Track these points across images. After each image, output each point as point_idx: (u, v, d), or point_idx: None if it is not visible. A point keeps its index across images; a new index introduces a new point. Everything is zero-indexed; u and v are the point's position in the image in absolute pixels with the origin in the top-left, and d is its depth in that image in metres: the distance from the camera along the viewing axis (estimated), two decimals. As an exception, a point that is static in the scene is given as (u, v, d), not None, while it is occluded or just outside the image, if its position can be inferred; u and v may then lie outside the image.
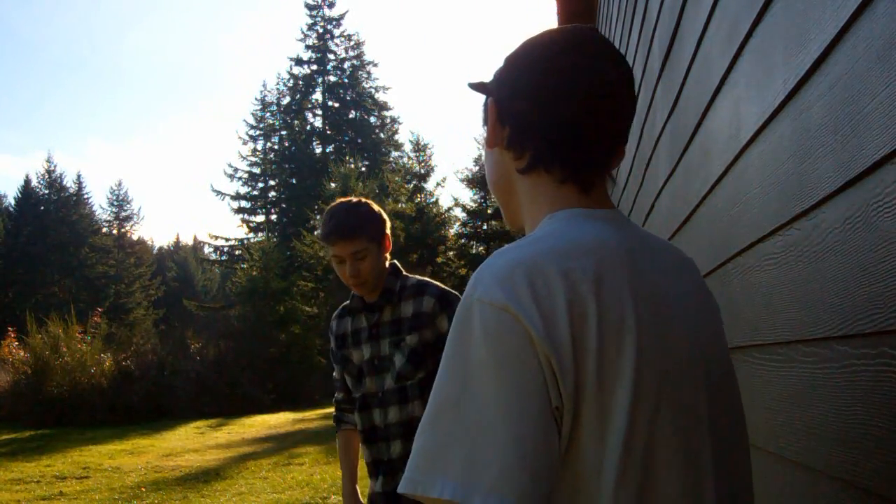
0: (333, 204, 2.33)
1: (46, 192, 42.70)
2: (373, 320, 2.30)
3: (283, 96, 39.39)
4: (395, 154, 38.62)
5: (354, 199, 2.32)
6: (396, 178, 27.55)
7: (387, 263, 2.33)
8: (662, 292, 0.84)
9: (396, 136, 39.90)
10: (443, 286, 2.32)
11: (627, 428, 0.76)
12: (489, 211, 24.68)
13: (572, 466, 0.76)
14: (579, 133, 0.91)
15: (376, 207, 2.32)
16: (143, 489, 7.55)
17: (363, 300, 2.33)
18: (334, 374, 2.49)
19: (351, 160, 29.68)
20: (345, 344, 2.38)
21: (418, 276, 2.36)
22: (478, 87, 1.03)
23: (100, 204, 78.60)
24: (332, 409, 13.70)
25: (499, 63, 1.00)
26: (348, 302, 2.41)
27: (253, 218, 37.82)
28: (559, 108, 0.91)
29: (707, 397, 0.84)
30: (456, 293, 2.26)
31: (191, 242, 58.62)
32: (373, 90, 39.82)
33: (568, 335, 0.75)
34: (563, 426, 0.75)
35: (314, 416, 14.76)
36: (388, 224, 2.34)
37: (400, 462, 2.23)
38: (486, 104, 1.01)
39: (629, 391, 0.76)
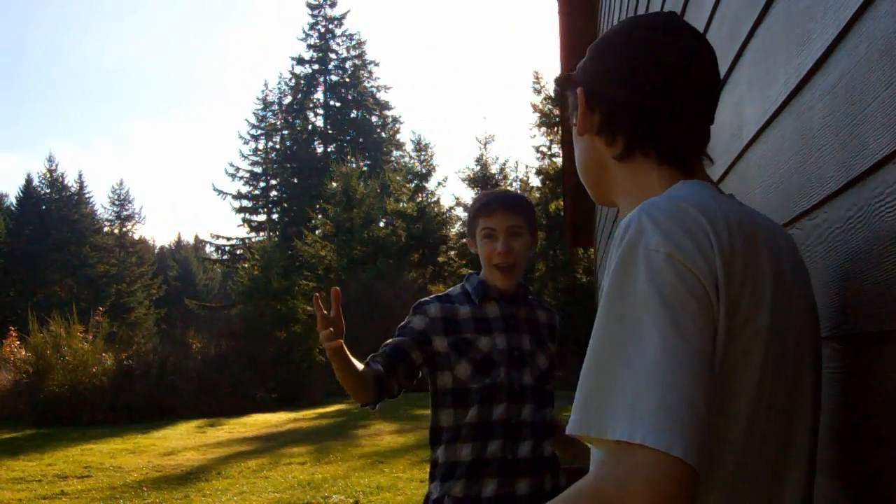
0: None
1: (48, 191, 42.71)
2: (510, 311, 2.14)
3: (285, 95, 39.40)
4: (396, 153, 38.61)
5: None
6: (398, 178, 27.54)
7: None
8: (783, 268, 0.88)
9: (398, 136, 39.92)
10: None
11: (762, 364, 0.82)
12: (490, 210, 24.64)
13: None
14: (668, 112, 0.93)
15: None
16: (145, 488, 7.55)
17: (491, 290, 2.14)
18: (390, 342, 2.12)
19: (352, 159, 29.68)
20: (460, 328, 2.10)
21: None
22: (563, 79, 1.05)
23: (101, 203, 78.51)
24: (332, 408, 13.56)
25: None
26: (460, 288, 2.20)
27: (254, 217, 37.84)
28: (644, 87, 0.92)
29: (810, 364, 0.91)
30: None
31: (192, 241, 58.62)
32: (374, 89, 39.82)
33: (724, 277, 0.78)
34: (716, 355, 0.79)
35: (315, 416, 14.77)
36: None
37: (526, 465, 2.01)
38: (562, 92, 1.05)
39: (763, 337, 0.82)
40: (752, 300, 0.81)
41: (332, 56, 39.06)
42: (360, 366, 2.01)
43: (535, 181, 23.67)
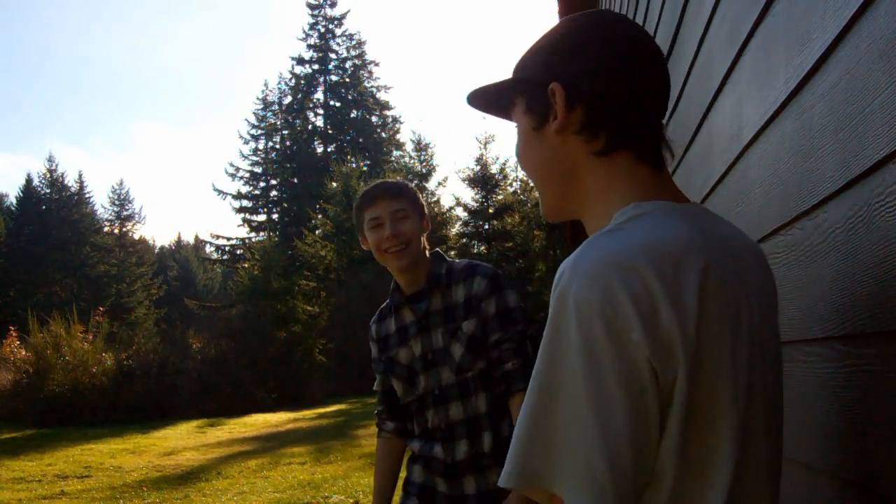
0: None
1: (48, 191, 42.72)
2: (421, 311, 2.06)
3: (285, 95, 39.40)
4: (396, 153, 38.58)
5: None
6: (398, 178, 27.52)
7: (427, 252, 2.13)
8: (745, 290, 0.84)
9: (398, 136, 39.90)
10: (494, 268, 2.08)
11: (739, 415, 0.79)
12: (490, 210, 24.66)
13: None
14: (649, 106, 0.92)
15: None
16: (145, 488, 7.55)
17: (403, 294, 2.11)
18: (375, 385, 2.26)
19: (352, 159, 29.66)
20: (388, 345, 2.15)
21: (468, 259, 2.13)
22: (523, 82, 0.96)
23: (101, 203, 78.55)
24: (332, 408, 13.59)
25: (505, 59, 1.01)
26: (386, 302, 2.20)
27: (254, 217, 37.85)
28: (636, 80, 0.90)
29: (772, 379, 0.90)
30: (507, 277, 2.09)
31: (192, 241, 58.65)
32: (374, 89, 39.82)
33: (668, 331, 0.75)
34: (670, 419, 0.76)
35: (315, 415, 14.77)
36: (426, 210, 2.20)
37: (466, 465, 2.02)
38: (511, 98, 0.98)
39: (733, 383, 0.78)
40: (721, 337, 0.78)
41: (332, 56, 39.06)
42: (384, 469, 2.25)
43: (536, 181, 23.65)
